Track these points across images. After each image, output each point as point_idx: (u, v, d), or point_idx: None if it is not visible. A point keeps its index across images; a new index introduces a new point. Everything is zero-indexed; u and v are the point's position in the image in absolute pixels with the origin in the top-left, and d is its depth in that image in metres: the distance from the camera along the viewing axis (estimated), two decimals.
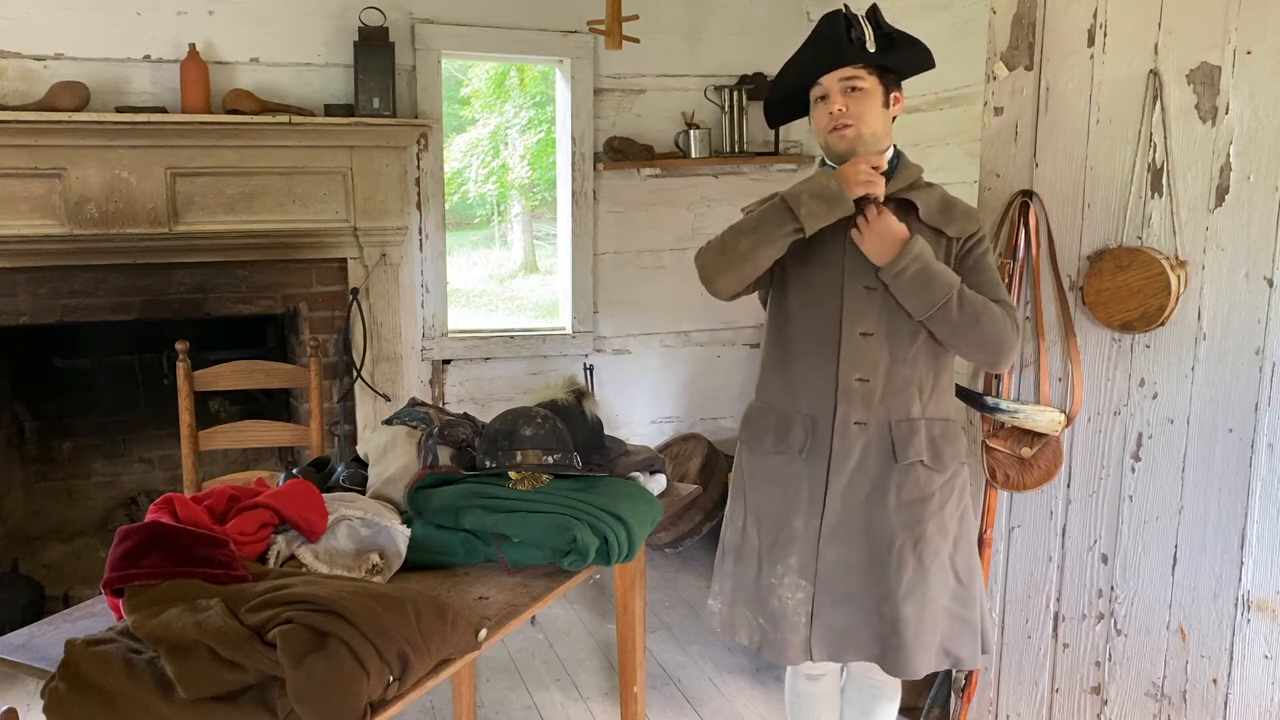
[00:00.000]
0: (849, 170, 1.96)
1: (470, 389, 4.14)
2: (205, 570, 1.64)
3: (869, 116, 1.99)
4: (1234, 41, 2.06)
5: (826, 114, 2.01)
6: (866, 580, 2.04)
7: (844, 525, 2.04)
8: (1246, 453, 2.13)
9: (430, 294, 3.98)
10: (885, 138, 2.04)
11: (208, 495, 1.89)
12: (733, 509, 2.21)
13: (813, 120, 2.08)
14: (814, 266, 2.06)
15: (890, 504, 2.03)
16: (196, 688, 1.41)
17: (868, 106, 1.99)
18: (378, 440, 2.28)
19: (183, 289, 3.60)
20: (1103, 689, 2.41)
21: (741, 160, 4.32)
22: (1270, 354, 2.08)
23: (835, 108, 1.99)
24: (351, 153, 3.63)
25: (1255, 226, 2.07)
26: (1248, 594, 2.15)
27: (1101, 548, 2.37)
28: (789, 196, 1.98)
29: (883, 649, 2.03)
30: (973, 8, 3.18)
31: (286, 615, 1.48)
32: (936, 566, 2.04)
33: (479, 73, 11.11)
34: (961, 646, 2.07)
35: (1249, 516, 2.13)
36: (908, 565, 2.02)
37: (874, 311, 2.00)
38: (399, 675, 1.53)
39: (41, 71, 3.33)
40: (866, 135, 2.00)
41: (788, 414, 2.09)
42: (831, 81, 2.00)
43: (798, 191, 1.97)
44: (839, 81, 1.99)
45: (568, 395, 2.36)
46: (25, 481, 3.94)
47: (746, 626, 2.14)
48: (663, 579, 4.01)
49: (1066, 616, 2.45)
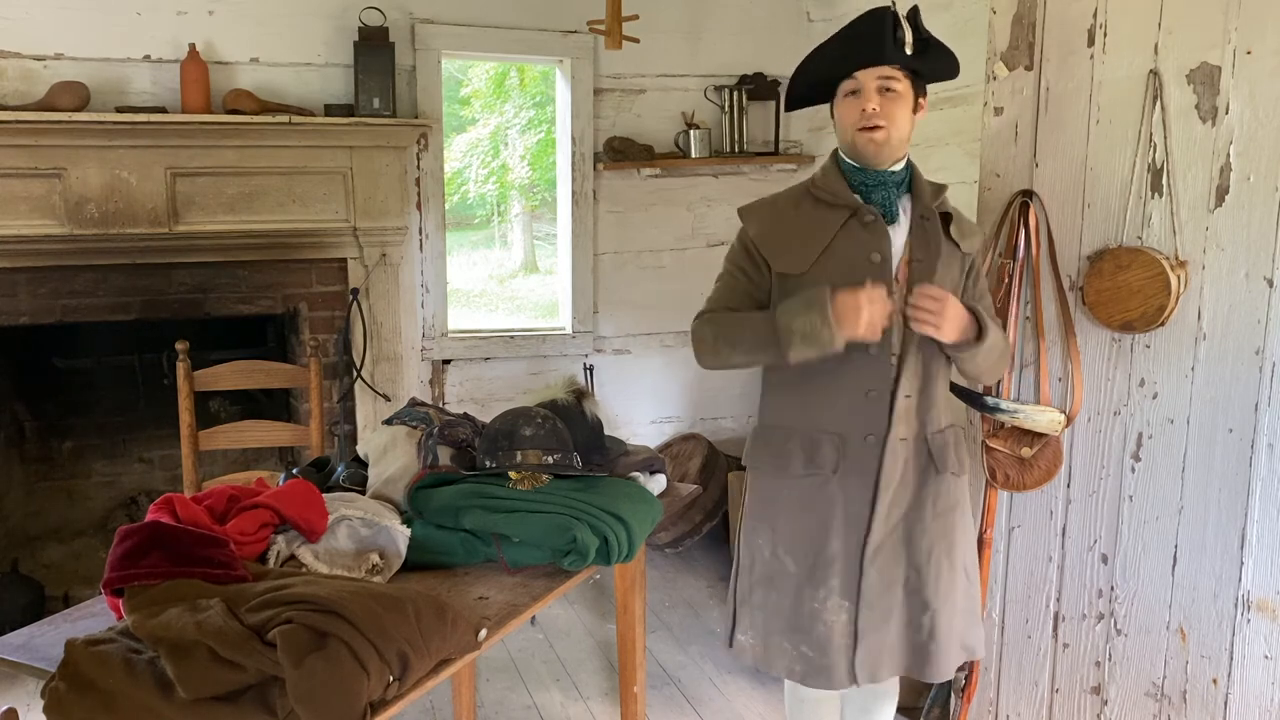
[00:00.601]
0: (846, 313, 1.83)
1: (470, 389, 4.14)
2: (205, 570, 1.64)
3: (900, 120, 1.95)
4: (1234, 41, 2.06)
5: (858, 110, 1.94)
6: (906, 594, 2.03)
7: (887, 542, 2.01)
8: (1246, 453, 2.12)
9: (430, 294, 3.98)
10: (907, 143, 2.01)
11: (208, 495, 1.89)
12: (755, 539, 2.11)
13: (838, 114, 2.00)
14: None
15: (928, 515, 2.03)
16: (196, 688, 1.41)
17: (900, 109, 1.94)
18: (378, 440, 2.28)
19: (183, 289, 3.60)
20: (1103, 689, 2.41)
21: (741, 160, 4.32)
22: (1270, 354, 2.07)
23: (870, 106, 1.92)
24: (351, 153, 3.63)
25: (1255, 226, 2.07)
26: (1248, 594, 2.15)
27: (1101, 548, 2.37)
28: (781, 328, 1.89)
29: (917, 658, 2.04)
30: (973, 8, 3.18)
31: (286, 615, 1.48)
32: (960, 569, 2.07)
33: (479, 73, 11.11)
34: (975, 638, 2.11)
35: (1249, 516, 2.13)
36: (942, 573, 2.03)
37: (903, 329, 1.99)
38: (399, 675, 1.53)
39: (41, 71, 3.33)
40: (894, 139, 1.95)
41: (812, 433, 2.02)
42: (868, 78, 1.93)
43: (789, 324, 1.88)
44: (876, 80, 1.93)
45: (568, 395, 2.36)
46: (25, 481, 3.94)
47: (785, 658, 2.07)
48: (663, 579, 4.01)
49: (1066, 616, 2.45)
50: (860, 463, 1.99)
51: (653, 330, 4.40)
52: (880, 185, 1.99)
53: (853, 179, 2.01)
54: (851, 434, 1.99)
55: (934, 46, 1.98)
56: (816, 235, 1.99)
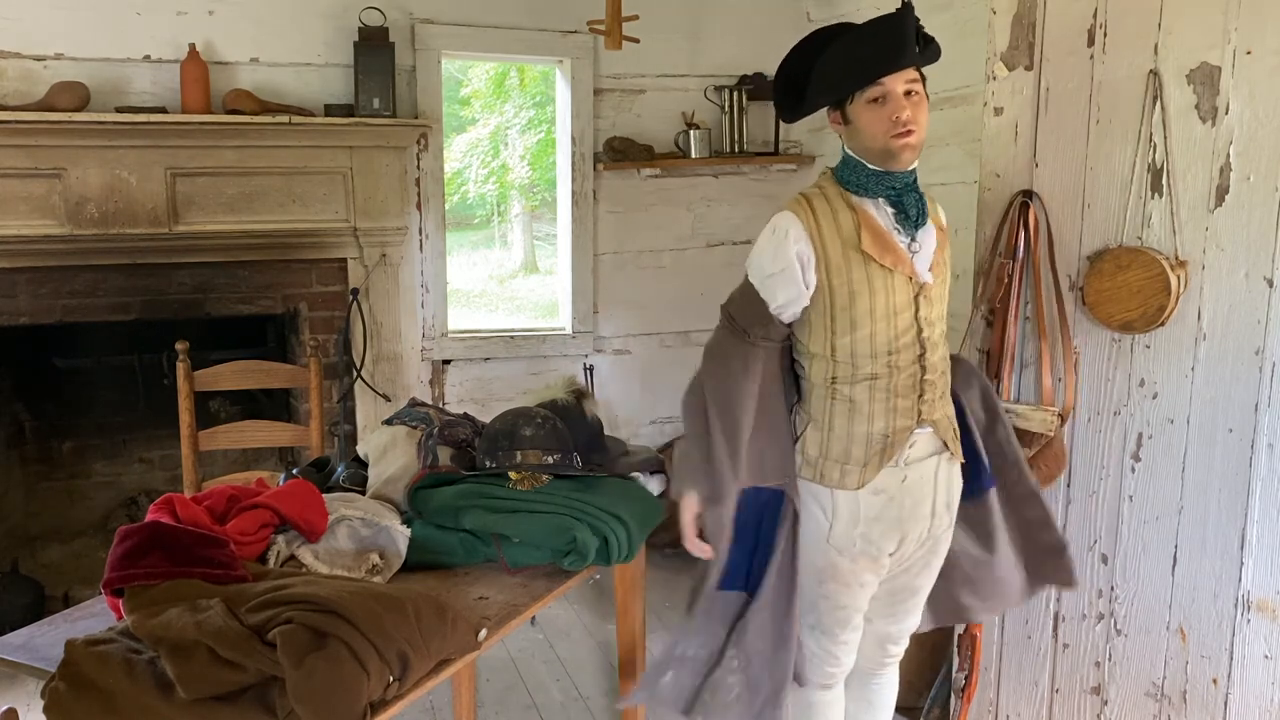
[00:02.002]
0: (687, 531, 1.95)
1: (470, 389, 4.14)
2: (205, 570, 1.64)
3: (924, 123, 1.90)
4: (1234, 42, 2.06)
5: (889, 119, 1.86)
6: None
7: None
8: (1246, 453, 2.13)
9: (430, 294, 3.98)
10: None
11: (208, 495, 1.90)
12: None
13: (863, 121, 1.90)
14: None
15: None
16: (196, 688, 1.41)
17: (923, 112, 1.90)
18: (378, 440, 2.28)
19: (183, 289, 3.60)
20: (1103, 689, 2.41)
21: (741, 160, 4.31)
22: (1270, 354, 2.08)
23: (904, 114, 1.86)
24: (351, 153, 3.63)
25: (1255, 226, 2.07)
26: (1248, 594, 2.15)
27: (1101, 548, 2.37)
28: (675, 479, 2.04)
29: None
30: (973, 8, 3.18)
31: (286, 615, 1.48)
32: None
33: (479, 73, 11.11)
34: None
35: (1249, 517, 2.13)
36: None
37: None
38: (399, 675, 1.53)
39: (41, 71, 3.33)
40: (920, 144, 1.91)
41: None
42: (896, 84, 1.86)
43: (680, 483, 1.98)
44: (903, 84, 1.87)
45: (568, 395, 2.37)
46: (25, 482, 3.94)
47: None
48: (663, 579, 4.00)
49: (1066, 616, 2.45)
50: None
51: (653, 330, 4.40)
52: (908, 188, 1.95)
53: (882, 183, 1.94)
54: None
55: (931, 42, 1.95)
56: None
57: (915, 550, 2.06)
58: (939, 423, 2.00)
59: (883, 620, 2.16)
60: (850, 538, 1.99)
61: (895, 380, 1.95)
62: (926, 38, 1.93)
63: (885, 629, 2.18)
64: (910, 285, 1.94)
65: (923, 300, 1.95)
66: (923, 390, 1.97)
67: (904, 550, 2.04)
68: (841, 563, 2.01)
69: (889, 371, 1.94)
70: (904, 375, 1.95)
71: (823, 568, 2.02)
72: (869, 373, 1.94)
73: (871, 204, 1.94)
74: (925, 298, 1.96)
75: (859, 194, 1.94)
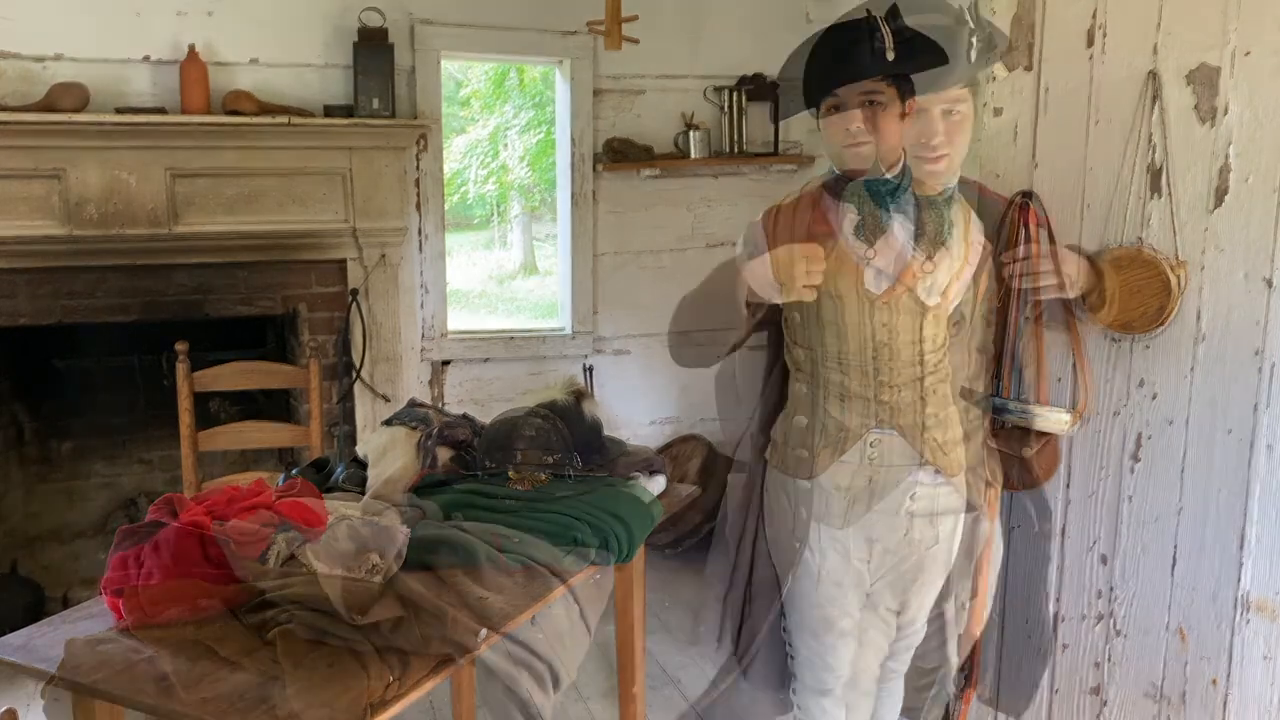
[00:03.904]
0: (786, 273, 1.83)
1: (470, 390, 4.14)
2: (205, 570, 1.64)
3: (886, 131, 1.88)
4: (1233, 42, 2.06)
5: (843, 130, 1.89)
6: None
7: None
8: (1246, 454, 2.12)
9: (430, 295, 3.98)
10: (899, 148, 1.95)
11: (207, 496, 1.90)
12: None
13: (825, 130, 1.95)
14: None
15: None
16: (196, 688, 1.42)
17: (885, 120, 1.88)
18: (377, 441, 2.28)
19: (182, 290, 3.60)
20: (1102, 690, 2.41)
21: (741, 161, 4.32)
22: (1270, 355, 2.07)
23: (853, 126, 1.88)
24: (351, 154, 3.63)
25: (1254, 227, 2.07)
26: (1247, 595, 2.15)
27: (1101, 548, 2.37)
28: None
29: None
30: None
31: (286, 615, 1.48)
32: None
33: (478, 73, 11.12)
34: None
35: (1248, 517, 2.13)
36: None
37: None
38: (399, 675, 1.53)
39: (41, 72, 3.33)
40: (883, 150, 1.90)
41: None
42: (849, 94, 1.86)
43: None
44: (858, 95, 1.87)
45: (567, 396, 2.36)
46: (25, 482, 3.94)
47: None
48: (662, 580, 4.00)
49: (1066, 617, 2.45)
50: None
51: (652, 331, 4.40)
52: (890, 195, 1.94)
53: (851, 190, 1.95)
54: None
55: (918, 45, 1.89)
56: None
57: (889, 560, 2.05)
58: (907, 429, 1.99)
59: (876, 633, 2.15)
60: (814, 531, 2.02)
61: (848, 380, 1.99)
62: (908, 41, 1.87)
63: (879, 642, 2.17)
64: (858, 297, 1.94)
65: (882, 309, 1.94)
66: (879, 393, 1.98)
67: (875, 557, 2.04)
68: (810, 558, 2.04)
69: (840, 371, 2.00)
70: (855, 378, 1.99)
71: (791, 561, 2.06)
72: (824, 367, 2.02)
73: (842, 210, 1.96)
74: (892, 309, 1.94)
75: (838, 199, 1.96)
